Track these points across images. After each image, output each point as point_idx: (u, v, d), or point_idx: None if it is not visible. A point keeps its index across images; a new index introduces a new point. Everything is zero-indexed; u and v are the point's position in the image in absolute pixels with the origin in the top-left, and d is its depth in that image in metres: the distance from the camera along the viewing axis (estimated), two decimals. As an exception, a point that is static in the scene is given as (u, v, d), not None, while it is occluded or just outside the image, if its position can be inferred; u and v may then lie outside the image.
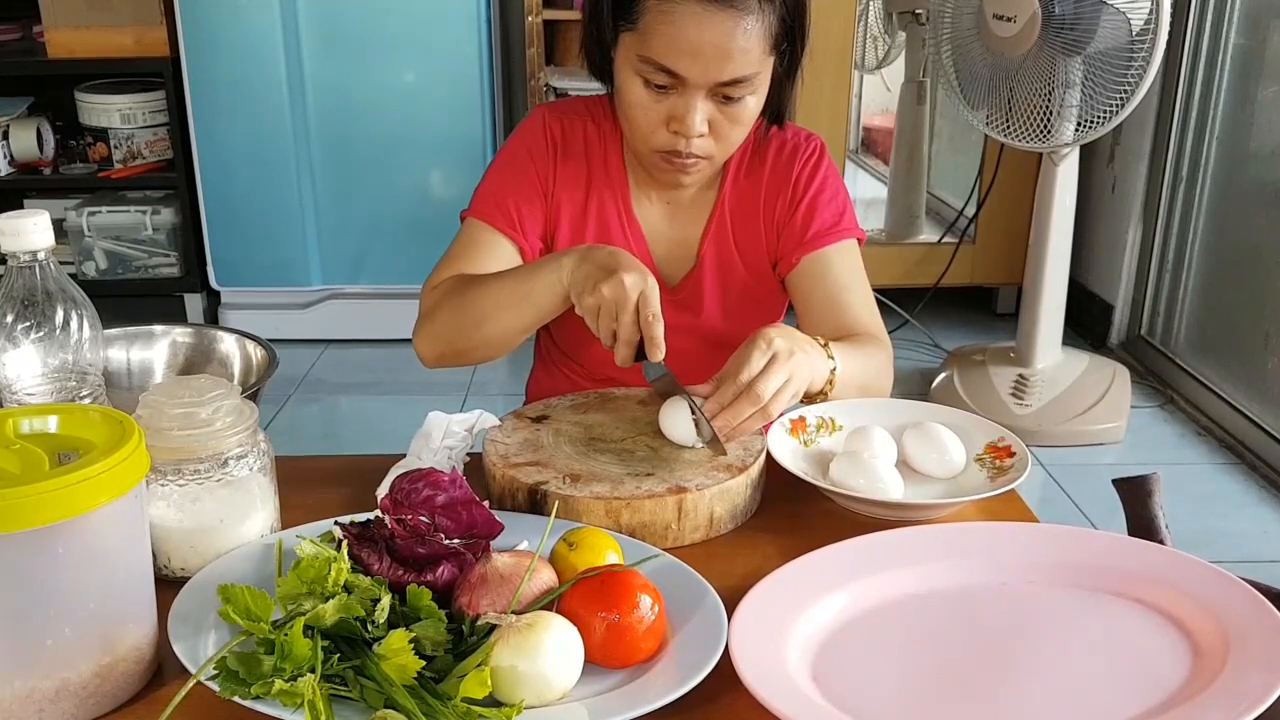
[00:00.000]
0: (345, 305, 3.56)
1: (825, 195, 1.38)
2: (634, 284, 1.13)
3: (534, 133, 1.39)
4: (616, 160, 1.39)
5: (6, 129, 3.52)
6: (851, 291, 1.38)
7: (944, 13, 2.82)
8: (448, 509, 0.94)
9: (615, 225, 1.39)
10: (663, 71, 1.21)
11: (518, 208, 1.36)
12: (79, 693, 0.82)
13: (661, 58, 1.21)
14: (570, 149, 1.38)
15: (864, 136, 4.45)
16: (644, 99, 1.25)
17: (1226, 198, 3.14)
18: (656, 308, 1.13)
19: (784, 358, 1.11)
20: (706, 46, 1.19)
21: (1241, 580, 0.92)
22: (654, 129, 1.27)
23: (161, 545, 0.98)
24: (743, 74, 1.22)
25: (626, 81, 1.26)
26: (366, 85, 3.31)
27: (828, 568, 0.97)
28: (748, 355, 1.11)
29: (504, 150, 1.41)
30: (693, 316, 1.40)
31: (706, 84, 1.22)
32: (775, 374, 1.10)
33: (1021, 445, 1.16)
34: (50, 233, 1.04)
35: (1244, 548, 2.49)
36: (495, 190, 1.38)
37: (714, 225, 1.40)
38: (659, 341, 1.13)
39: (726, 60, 1.20)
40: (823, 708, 0.81)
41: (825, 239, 1.37)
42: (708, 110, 1.24)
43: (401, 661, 0.80)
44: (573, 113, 1.40)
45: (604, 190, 1.39)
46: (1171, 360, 3.27)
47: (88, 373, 1.05)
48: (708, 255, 1.40)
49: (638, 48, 1.22)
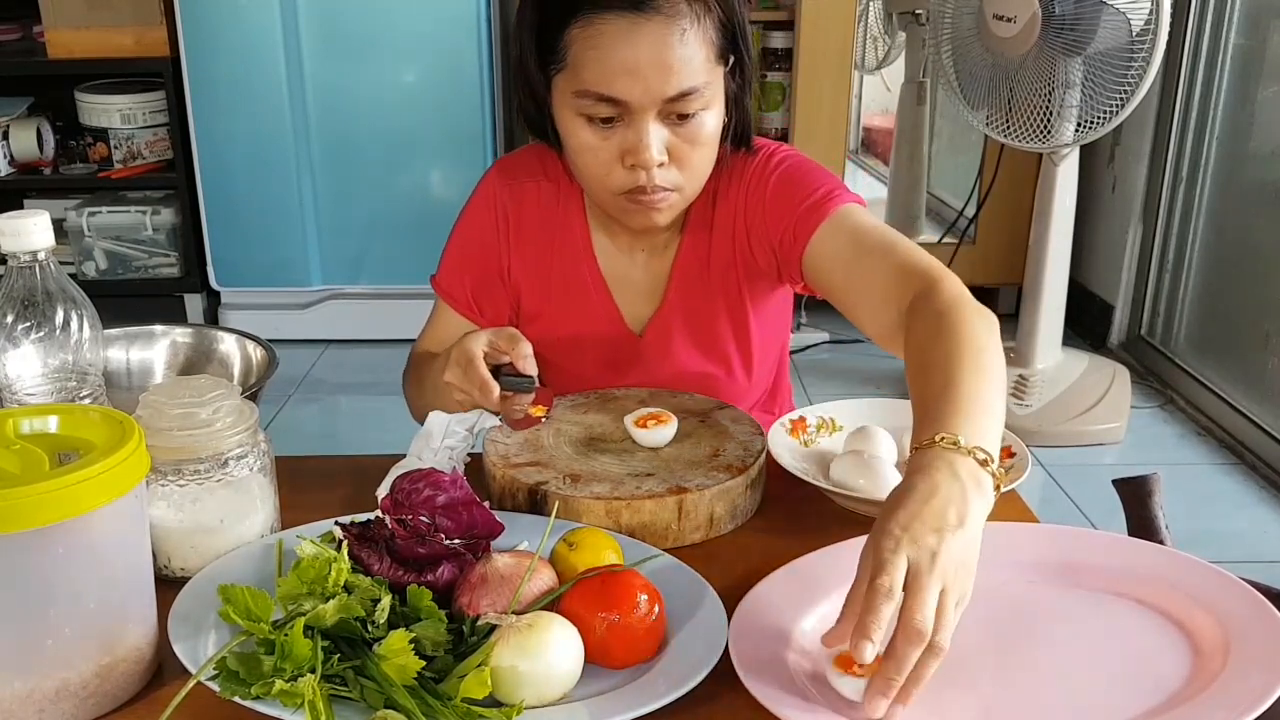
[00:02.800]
0: (345, 305, 3.56)
1: (792, 183, 1.26)
2: (457, 358, 1.13)
3: (485, 207, 1.34)
4: (576, 215, 1.32)
5: (6, 129, 3.52)
6: (875, 244, 1.19)
7: (944, 13, 2.82)
8: (448, 509, 0.94)
9: (578, 283, 1.33)
10: (603, 101, 1.13)
11: (475, 289, 1.35)
12: (79, 693, 0.82)
13: (597, 85, 1.12)
14: (523, 218, 1.33)
15: (864, 136, 4.45)
16: (591, 140, 1.17)
17: (1226, 198, 3.14)
18: (471, 352, 1.12)
19: (931, 556, 0.80)
20: (643, 62, 1.11)
21: (1241, 580, 0.92)
22: (608, 169, 1.18)
23: (161, 545, 0.98)
24: (689, 85, 1.13)
25: (569, 126, 1.18)
26: (366, 85, 3.31)
27: (828, 568, 0.97)
28: (881, 566, 0.80)
29: (461, 220, 1.37)
30: (663, 358, 1.35)
31: (652, 103, 1.13)
32: (926, 593, 0.79)
33: (1022, 445, 1.16)
34: (50, 233, 1.04)
35: (1244, 548, 2.48)
36: (454, 267, 1.36)
37: (678, 267, 1.32)
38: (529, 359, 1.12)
39: (668, 73, 1.11)
40: (823, 708, 0.81)
41: (814, 217, 1.22)
42: (662, 135, 1.15)
43: (402, 662, 0.80)
44: (525, 174, 1.33)
45: (565, 249, 1.33)
46: (1171, 360, 3.27)
47: (88, 373, 1.05)
48: (674, 297, 1.33)
49: (571, 85, 1.15)
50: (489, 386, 1.11)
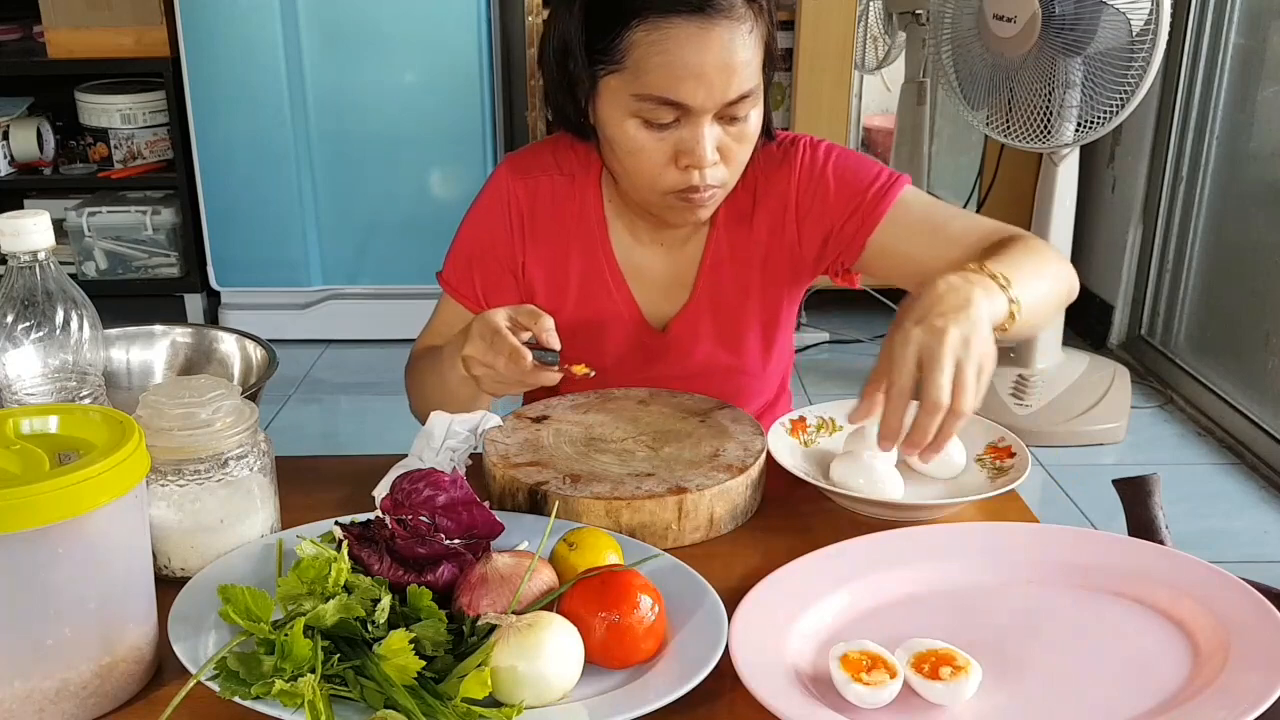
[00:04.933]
0: (345, 305, 3.56)
1: (848, 172, 1.28)
2: (480, 331, 1.11)
3: (497, 202, 1.33)
4: (594, 209, 1.32)
5: (6, 129, 3.52)
6: (947, 218, 1.24)
7: (944, 13, 2.82)
8: (448, 509, 0.94)
9: (596, 278, 1.33)
10: (665, 105, 1.13)
11: (484, 283, 1.34)
12: (79, 693, 0.82)
13: (663, 90, 1.12)
14: (538, 213, 1.32)
15: (864, 136, 4.44)
16: (645, 141, 1.16)
17: (1226, 198, 3.14)
18: (496, 324, 1.11)
19: (939, 336, 0.94)
20: (709, 67, 1.11)
21: (1241, 580, 0.92)
22: (661, 170, 1.18)
23: (161, 545, 0.98)
24: (748, 88, 1.14)
25: (619, 128, 1.17)
26: (366, 85, 3.31)
27: (828, 568, 0.97)
28: (893, 361, 0.96)
29: (470, 215, 1.35)
30: (685, 353, 1.35)
31: (714, 107, 1.14)
32: (940, 369, 0.94)
33: (1022, 445, 1.16)
34: (50, 233, 1.04)
35: (1244, 548, 2.49)
36: (462, 262, 1.35)
37: (709, 258, 1.32)
38: (551, 332, 1.11)
39: (731, 76, 1.12)
40: (823, 707, 0.81)
41: (881, 204, 1.25)
42: (716, 135, 1.16)
43: (401, 662, 0.80)
44: (538, 168, 1.32)
45: (583, 244, 1.32)
46: (1171, 360, 3.27)
47: (88, 373, 1.05)
48: (703, 291, 1.33)
49: (630, 87, 1.14)
50: (520, 352, 1.09)
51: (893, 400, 0.96)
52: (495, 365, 1.11)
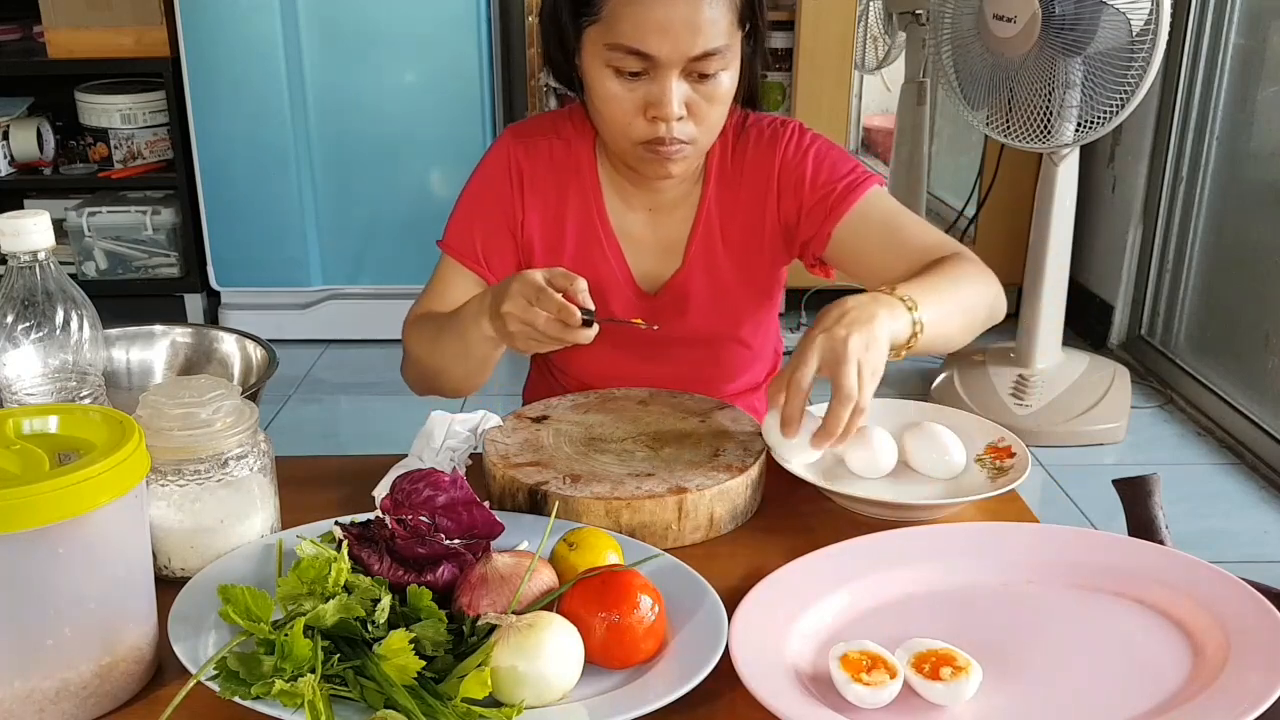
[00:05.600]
0: (345, 305, 3.56)
1: (826, 162, 1.36)
2: (520, 290, 1.12)
3: (498, 163, 1.38)
4: (589, 173, 1.38)
5: (6, 129, 3.52)
6: (902, 225, 1.33)
7: (944, 13, 2.82)
8: (448, 509, 0.94)
9: (591, 240, 1.38)
10: (633, 55, 1.21)
11: (484, 243, 1.37)
12: (79, 693, 0.82)
13: (630, 40, 1.20)
14: (536, 174, 1.37)
15: (864, 136, 4.44)
16: (617, 90, 1.24)
17: (1226, 198, 3.14)
18: (539, 282, 1.12)
19: (842, 342, 1.06)
20: (675, 21, 1.19)
21: (1241, 580, 0.92)
22: (630, 119, 1.25)
23: (161, 545, 0.98)
24: (714, 46, 1.21)
25: (596, 77, 1.25)
26: (366, 85, 3.31)
27: (828, 568, 0.97)
28: (797, 361, 1.08)
29: (472, 180, 1.41)
30: (677, 318, 1.39)
31: (679, 61, 1.21)
32: (846, 366, 1.05)
33: (1022, 445, 1.16)
34: (50, 233, 1.04)
35: (1244, 548, 2.49)
36: (463, 224, 1.39)
37: (700, 225, 1.38)
38: (585, 293, 1.12)
39: (696, 33, 1.19)
40: (823, 708, 0.81)
41: (849, 198, 1.33)
42: (683, 91, 1.23)
43: (401, 662, 0.80)
44: (538, 133, 1.39)
45: (577, 205, 1.38)
46: (1171, 360, 3.27)
47: (88, 373, 1.05)
48: (695, 256, 1.39)
49: (604, 37, 1.22)
50: (569, 309, 1.11)
51: (791, 390, 1.08)
52: (535, 322, 1.12)
